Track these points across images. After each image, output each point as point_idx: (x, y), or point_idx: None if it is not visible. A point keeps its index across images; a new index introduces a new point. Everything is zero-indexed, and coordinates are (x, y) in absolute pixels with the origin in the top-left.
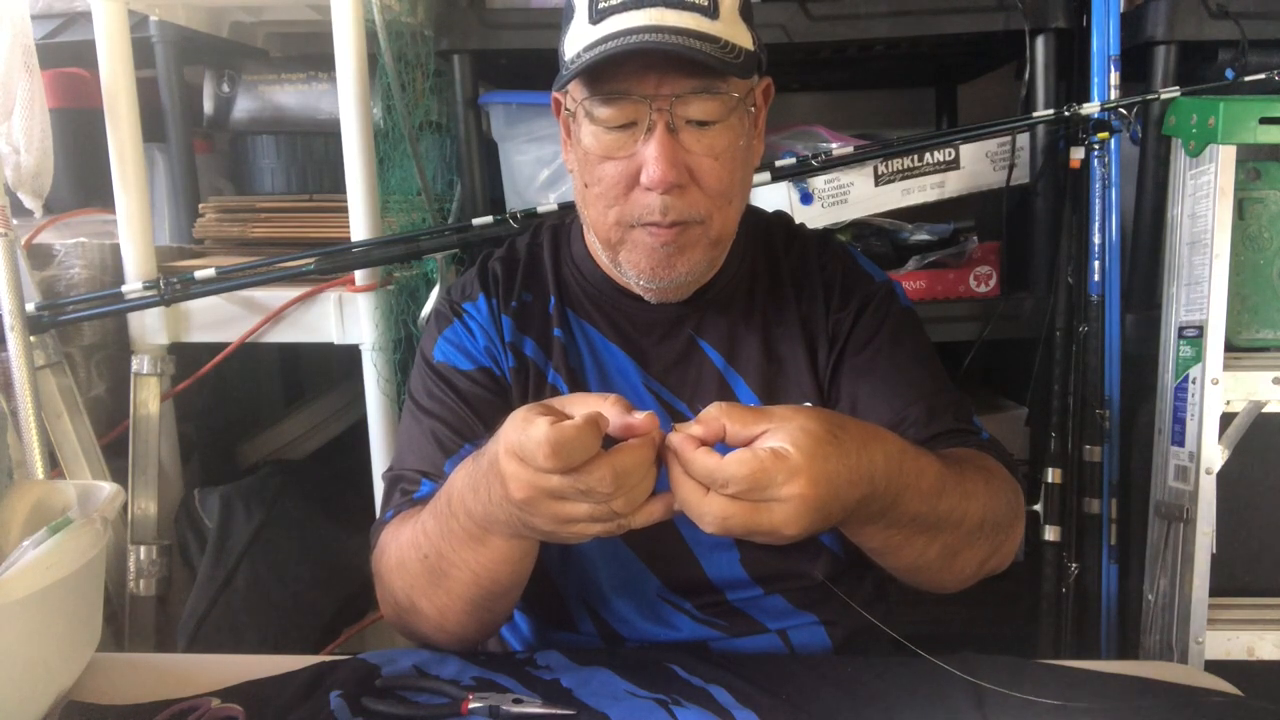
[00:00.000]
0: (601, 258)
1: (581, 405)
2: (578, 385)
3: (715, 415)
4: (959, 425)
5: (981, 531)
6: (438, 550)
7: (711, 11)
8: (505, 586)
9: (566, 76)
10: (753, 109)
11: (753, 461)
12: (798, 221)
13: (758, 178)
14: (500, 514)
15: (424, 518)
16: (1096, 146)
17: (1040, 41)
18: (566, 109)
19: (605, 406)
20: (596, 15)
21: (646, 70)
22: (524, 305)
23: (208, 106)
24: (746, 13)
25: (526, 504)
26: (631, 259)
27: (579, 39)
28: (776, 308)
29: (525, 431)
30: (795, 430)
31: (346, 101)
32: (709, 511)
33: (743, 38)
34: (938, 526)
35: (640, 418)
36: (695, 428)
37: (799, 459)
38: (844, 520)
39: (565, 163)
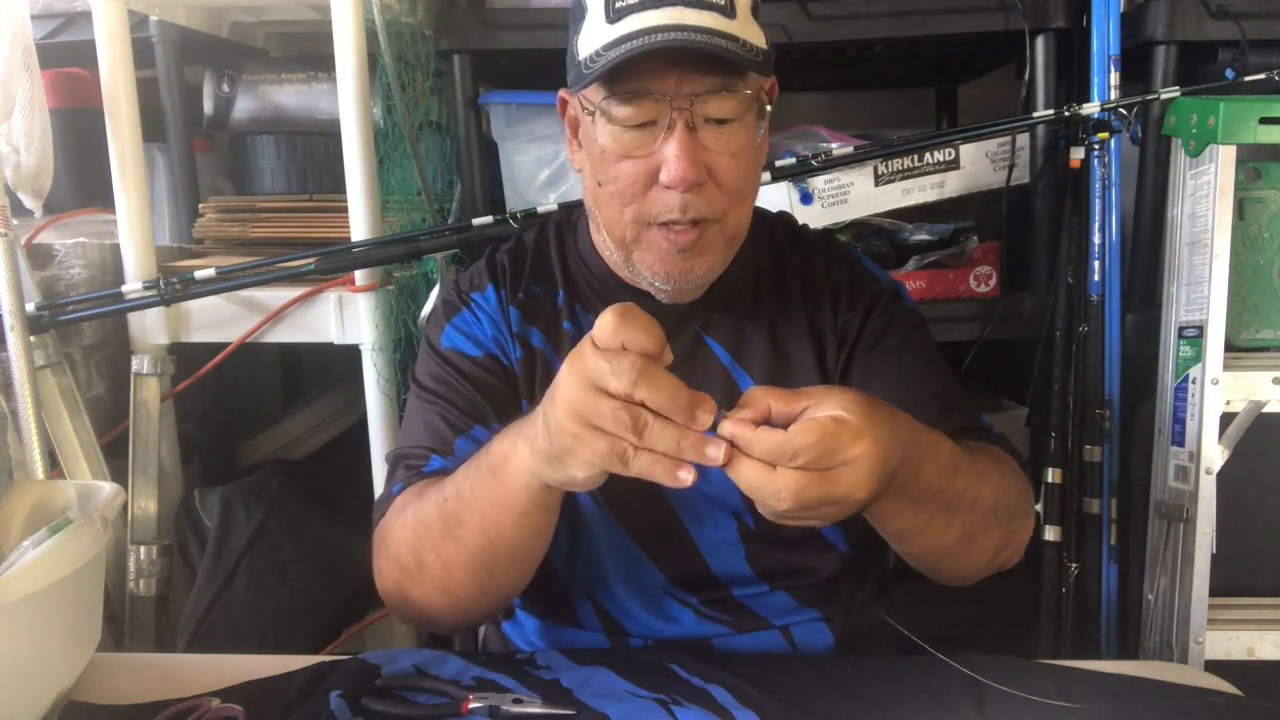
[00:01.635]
0: (608, 254)
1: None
2: None
3: (760, 396)
4: (970, 423)
5: (996, 515)
6: (458, 491)
7: (729, 11)
8: (509, 542)
9: (591, 75)
10: (768, 108)
11: (818, 428)
12: (799, 222)
13: None
14: (530, 432)
15: (456, 474)
16: (1096, 146)
17: (1040, 41)
18: (585, 109)
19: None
20: (614, 15)
21: (666, 69)
22: (531, 297)
23: (208, 106)
24: (757, 12)
25: (565, 378)
26: (645, 260)
27: (596, 38)
28: (782, 306)
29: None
30: (840, 400)
31: (346, 101)
32: (784, 486)
33: (757, 36)
34: (956, 505)
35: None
36: (745, 411)
37: (858, 421)
38: (880, 491)
39: (570, 160)
